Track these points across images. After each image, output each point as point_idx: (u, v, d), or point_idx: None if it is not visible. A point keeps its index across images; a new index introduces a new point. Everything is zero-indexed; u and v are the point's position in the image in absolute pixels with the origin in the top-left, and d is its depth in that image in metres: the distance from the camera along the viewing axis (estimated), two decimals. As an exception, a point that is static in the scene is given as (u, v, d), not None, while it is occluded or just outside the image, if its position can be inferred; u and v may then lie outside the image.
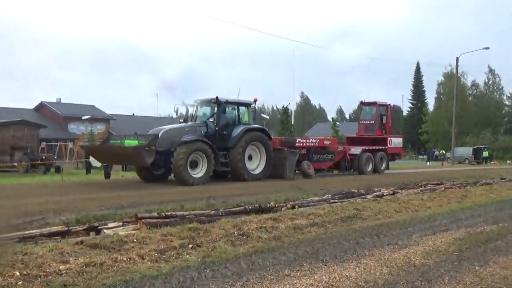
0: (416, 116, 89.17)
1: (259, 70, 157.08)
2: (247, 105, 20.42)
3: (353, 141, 27.56)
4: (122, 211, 10.16)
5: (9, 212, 9.76)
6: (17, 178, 22.18)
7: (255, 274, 5.94)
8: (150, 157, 16.15)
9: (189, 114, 20.44)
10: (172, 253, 6.70)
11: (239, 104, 20.05)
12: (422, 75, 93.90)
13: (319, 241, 7.90)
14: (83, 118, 49.78)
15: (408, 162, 61.57)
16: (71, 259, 6.02)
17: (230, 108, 19.82)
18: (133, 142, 16.98)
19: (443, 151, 64.52)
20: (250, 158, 19.39)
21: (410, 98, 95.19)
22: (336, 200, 12.38)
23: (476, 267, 6.42)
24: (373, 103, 28.00)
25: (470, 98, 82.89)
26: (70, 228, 8.06)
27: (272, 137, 20.97)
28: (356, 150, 24.65)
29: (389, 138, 26.77)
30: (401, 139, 28.96)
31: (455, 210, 11.84)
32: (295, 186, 16.43)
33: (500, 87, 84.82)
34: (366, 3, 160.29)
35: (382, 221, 10.01)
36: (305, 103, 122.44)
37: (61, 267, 5.73)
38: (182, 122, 19.99)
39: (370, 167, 24.80)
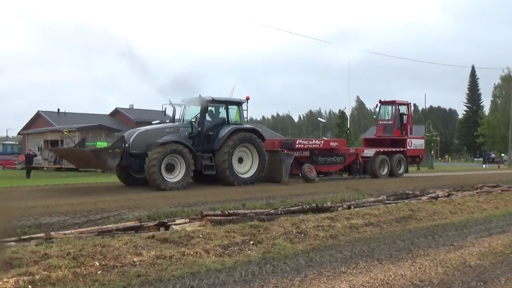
0: (471, 119, 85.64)
1: (315, 77, 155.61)
2: (237, 103, 17.76)
3: (372, 143, 24.80)
4: (189, 209, 10.33)
5: (89, 209, 10.22)
6: (95, 178, 23.13)
7: (313, 270, 5.92)
8: (114, 160, 14.56)
9: (179, 114, 17.89)
10: (235, 248, 6.79)
11: (228, 102, 17.50)
12: (478, 78, 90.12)
13: (374, 241, 7.77)
14: (153, 122, 51.23)
15: (464, 164, 59.29)
16: (143, 252, 6.22)
17: (218, 108, 17.54)
18: (104, 144, 15.70)
19: (503, 154, 61.21)
20: (241, 161, 17.08)
21: (465, 101, 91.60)
22: (391, 201, 12.09)
23: (534, 270, 6.11)
24: (392, 102, 24.64)
25: (529, 100, 78.58)
26: (142, 223, 8.28)
27: (265, 138, 18.41)
28: (369, 152, 21.98)
29: (408, 140, 23.73)
30: (423, 140, 26.08)
31: (512, 213, 11.30)
32: (351, 186, 16.16)
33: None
34: (417, 10, 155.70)
35: (437, 222, 9.69)
36: (360, 107, 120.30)
37: (135, 259, 5.94)
38: (169, 123, 17.82)
39: (385, 171, 21.97)
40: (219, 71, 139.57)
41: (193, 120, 16.62)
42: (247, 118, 18.22)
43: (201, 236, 7.14)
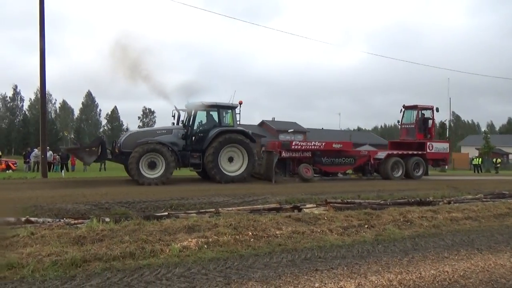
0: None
1: (411, 94, 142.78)
2: (230, 108, 14.66)
3: (396, 146, 19.36)
4: (315, 197, 10.17)
5: (244, 193, 10.63)
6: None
7: (419, 253, 5.41)
8: (90, 158, 13.16)
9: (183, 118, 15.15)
10: (353, 230, 6.52)
11: (220, 107, 14.47)
12: None
13: (473, 232, 6.86)
14: (289, 131, 52.45)
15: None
16: (283, 227, 6.27)
17: (210, 111, 14.58)
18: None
19: None
20: (231, 160, 14.12)
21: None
22: (488, 199, 10.59)
23: None
24: (415, 107, 19.10)
25: None
26: (281, 206, 8.39)
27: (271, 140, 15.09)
28: (381, 154, 17.52)
29: (428, 143, 18.19)
30: (447, 144, 19.43)
31: None
32: (450, 185, 14.49)
33: None
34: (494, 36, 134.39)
35: (534, 220, 8.22)
36: (457, 119, 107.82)
37: (277, 232, 6.01)
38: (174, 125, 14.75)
39: (399, 173, 17.09)
40: (330, 92, 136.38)
41: (182, 122, 14.51)
42: (239, 121, 14.90)
43: (325, 218, 7.00)
